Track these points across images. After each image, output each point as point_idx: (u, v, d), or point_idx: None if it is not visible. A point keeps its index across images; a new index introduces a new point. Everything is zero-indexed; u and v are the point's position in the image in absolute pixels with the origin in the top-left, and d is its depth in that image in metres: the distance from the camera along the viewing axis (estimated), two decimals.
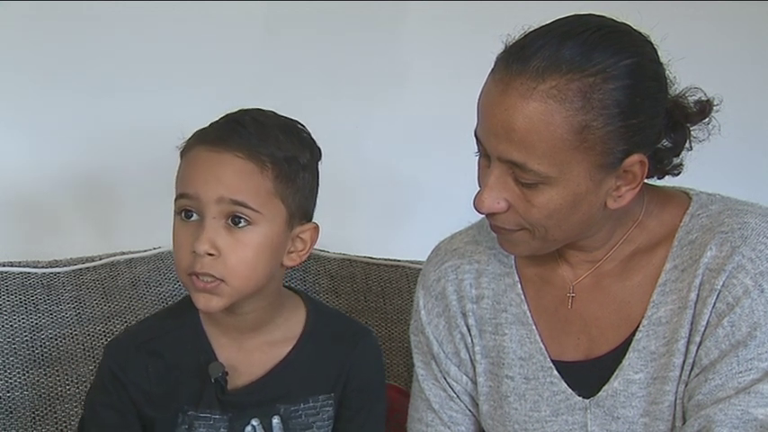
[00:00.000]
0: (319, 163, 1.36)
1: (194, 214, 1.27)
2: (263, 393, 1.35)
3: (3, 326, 1.64)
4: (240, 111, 1.33)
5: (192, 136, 1.32)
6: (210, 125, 1.32)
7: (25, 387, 1.61)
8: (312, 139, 1.35)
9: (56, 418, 1.62)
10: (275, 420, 1.36)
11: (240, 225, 1.26)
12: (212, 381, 1.32)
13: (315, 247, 1.38)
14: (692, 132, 1.30)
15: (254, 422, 1.35)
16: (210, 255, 1.26)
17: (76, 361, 1.66)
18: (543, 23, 1.23)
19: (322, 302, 1.50)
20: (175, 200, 1.29)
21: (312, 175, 1.34)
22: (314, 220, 1.36)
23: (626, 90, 1.19)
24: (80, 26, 1.88)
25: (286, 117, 1.35)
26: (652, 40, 1.25)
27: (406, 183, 2.13)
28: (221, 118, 1.33)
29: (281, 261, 1.33)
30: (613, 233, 1.33)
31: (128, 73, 1.91)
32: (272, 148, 1.28)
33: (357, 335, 1.43)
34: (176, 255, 1.30)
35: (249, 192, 1.26)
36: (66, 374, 1.64)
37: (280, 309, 1.38)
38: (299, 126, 1.35)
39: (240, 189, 1.26)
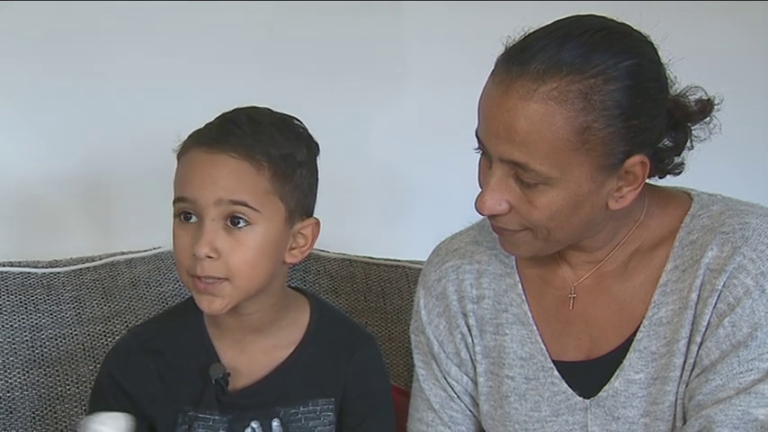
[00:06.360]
0: (318, 157, 1.35)
1: (193, 216, 1.27)
2: (263, 395, 1.35)
3: (3, 326, 1.63)
4: (235, 110, 1.33)
5: (187, 138, 1.32)
6: (205, 126, 1.32)
7: (25, 387, 1.61)
8: (308, 135, 1.35)
9: (56, 418, 1.61)
10: (275, 423, 1.35)
11: (239, 225, 1.26)
12: (213, 382, 1.32)
13: (315, 246, 1.38)
14: (692, 132, 1.30)
15: (254, 424, 1.35)
16: (211, 257, 1.25)
17: (76, 361, 1.66)
18: (543, 24, 1.23)
19: (330, 305, 1.49)
20: (174, 203, 1.29)
21: (310, 170, 1.33)
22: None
23: (627, 91, 1.19)
24: (80, 26, 1.87)
25: (281, 113, 1.34)
26: (652, 41, 1.25)
27: (406, 183, 2.13)
28: (216, 118, 1.32)
29: (282, 258, 1.33)
30: (615, 234, 1.32)
31: (128, 73, 1.90)
32: (268, 146, 1.28)
33: (356, 342, 1.42)
34: (177, 257, 1.30)
35: (247, 191, 1.26)
36: (67, 374, 1.64)
37: (284, 310, 1.38)
38: (295, 122, 1.34)
39: (238, 189, 1.26)
